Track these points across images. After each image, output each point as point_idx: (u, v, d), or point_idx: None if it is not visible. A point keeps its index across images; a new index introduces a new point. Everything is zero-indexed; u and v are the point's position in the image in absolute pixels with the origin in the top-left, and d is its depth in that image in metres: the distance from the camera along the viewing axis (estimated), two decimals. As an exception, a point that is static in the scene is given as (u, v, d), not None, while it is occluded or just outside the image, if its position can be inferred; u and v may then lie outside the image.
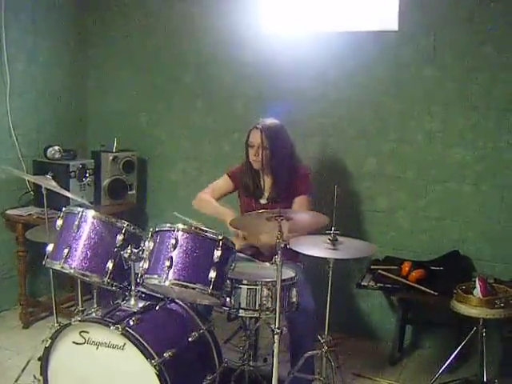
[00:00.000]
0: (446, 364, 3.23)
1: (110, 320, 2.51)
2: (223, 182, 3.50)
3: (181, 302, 2.81)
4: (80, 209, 2.66)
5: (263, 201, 3.36)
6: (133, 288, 2.66)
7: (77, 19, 4.68)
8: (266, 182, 3.36)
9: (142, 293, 2.76)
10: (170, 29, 4.45)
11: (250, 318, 2.87)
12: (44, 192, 3.05)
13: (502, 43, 3.50)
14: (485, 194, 3.65)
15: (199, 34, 4.34)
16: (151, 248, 2.58)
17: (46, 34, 4.42)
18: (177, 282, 2.48)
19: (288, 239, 2.66)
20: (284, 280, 2.62)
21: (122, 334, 2.43)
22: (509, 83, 3.52)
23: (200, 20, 4.32)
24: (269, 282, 2.66)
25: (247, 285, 2.66)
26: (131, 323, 2.50)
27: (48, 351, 2.62)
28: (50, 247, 2.67)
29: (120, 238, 2.61)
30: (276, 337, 2.47)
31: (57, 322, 3.01)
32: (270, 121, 3.30)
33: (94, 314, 2.62)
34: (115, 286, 2.64)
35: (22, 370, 3.14)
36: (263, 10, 4.17)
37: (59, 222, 2.69)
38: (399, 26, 3.75)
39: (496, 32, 3.51)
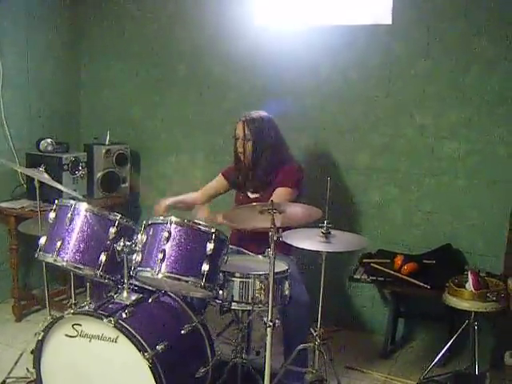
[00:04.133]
0: (438, 357, 3.26)
1: (102, 313, 2.51)
2: (216, 181, 3.53)
3: (173, 295, 2.81)
4: (73, 202, 2.66)
5: (251, 195, 3.35)
6: (125, 281, 2.66)
7: (70, 12, 4.64)
8: (251, 175, 3.33)
9: (135, 286, 2.76)
10: (164, 21, 4.43)
11: (243, 310, 2.86)
12: (37, 185, 3.04)
13: (495, 37, 3.50)
14: (477, 188, 3.66)
15: (193, 26, 4.32)
16: (144, 241, 2.58)
17: (38, 27, 4.39)
18: (170, 274, 2.49)
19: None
20: (277, 273, 2.62)
21: (114, 326, 2.43)
22: (502, 77, 3.52)
23: (194, 13, 4.31)
24: (261, 274, 2.67)
25: (240, 278, 2.67)
26: (124, 316, 2.50)
27: (41, 344, 2.62)
28: (42, 240, 2.66)
29: (113, 230, 2.61)
30: (268, 330, 2.46)
31: (49, 315, 3.01)
32: (256, 113, 3.28)
33: (86, 307, 2.62)
34: (108, 278, 2.64)
35: (15, 363, 3.15)
36: (257, 2, 4.15)
37: (52, 215, 2.69)
38: (393, 19, 3.74)
39: (489, 25, 3.51)
